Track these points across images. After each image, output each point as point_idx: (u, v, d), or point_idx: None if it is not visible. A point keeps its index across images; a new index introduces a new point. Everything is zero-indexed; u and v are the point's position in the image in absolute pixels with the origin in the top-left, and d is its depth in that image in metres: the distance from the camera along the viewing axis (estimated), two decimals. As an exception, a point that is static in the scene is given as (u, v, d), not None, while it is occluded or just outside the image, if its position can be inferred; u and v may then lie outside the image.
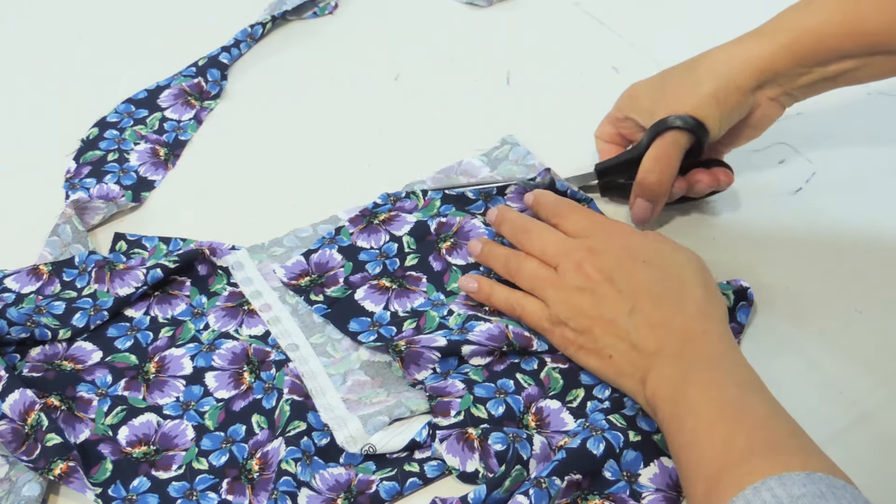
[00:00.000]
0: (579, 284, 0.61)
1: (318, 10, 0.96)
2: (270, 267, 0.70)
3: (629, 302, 0.59)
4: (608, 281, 0.60)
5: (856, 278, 0.68)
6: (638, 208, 0.70)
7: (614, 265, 0.61)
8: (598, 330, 0.59)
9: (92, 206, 0.73)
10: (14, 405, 0.58)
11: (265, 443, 0.60)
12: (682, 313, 0.58)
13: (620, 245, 0.62)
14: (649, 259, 0.61)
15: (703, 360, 0.56)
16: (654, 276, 0.60)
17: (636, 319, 0.58)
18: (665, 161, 0.68)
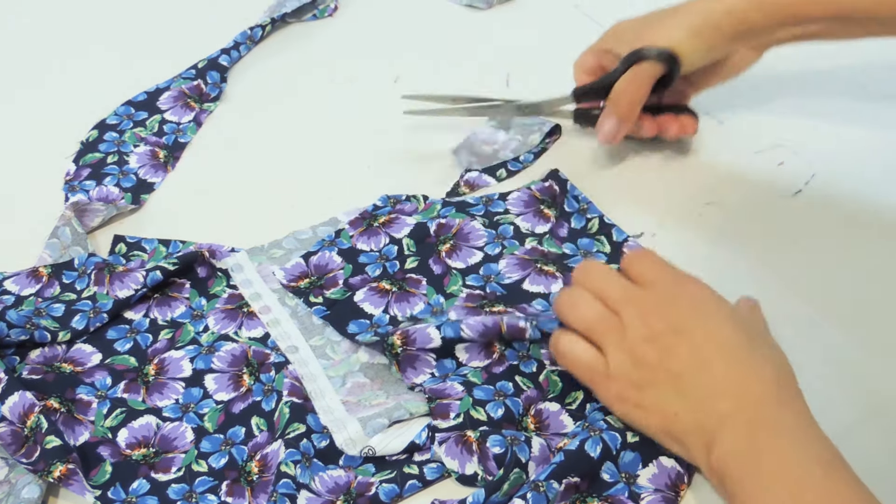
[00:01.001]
0: (645, 335, 0.55)
1: (317, 13, 0.96)
2: (270, 269, 0.70)
3: (700, 357, 0.54)
4: (677, 333, 0.55)
5: (855, 280, 0.68)
6: (607, 124, 0.73)
7: (685, 316, 0.56)
8: (664, 386, 0.54)
9: (91, 209, 0.73)
10: (13, 407, 0.58)
11: (264, 445, 0.59)
12: (758, 376, 0.53)
13: (690, 295, 0.57)
14: (722, 312, 0.56)
15: (782, 434, 0.51)
16: (729, 332, 0.55)
17: (707, 377, 0.53)
18: (636, 84, 0.72)
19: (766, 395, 0.52)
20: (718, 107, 0.82)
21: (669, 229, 0.73)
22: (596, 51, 0.78)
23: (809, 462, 0.50)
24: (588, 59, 0.78)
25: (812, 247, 0.71)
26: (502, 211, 0.74)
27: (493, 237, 0.71)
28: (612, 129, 0.74)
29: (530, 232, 0.72)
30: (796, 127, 0.80)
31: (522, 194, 0.74)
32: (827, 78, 0.85)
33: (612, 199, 0.75)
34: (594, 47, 0.78)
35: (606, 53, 0.76)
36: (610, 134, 0.74)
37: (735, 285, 0.68)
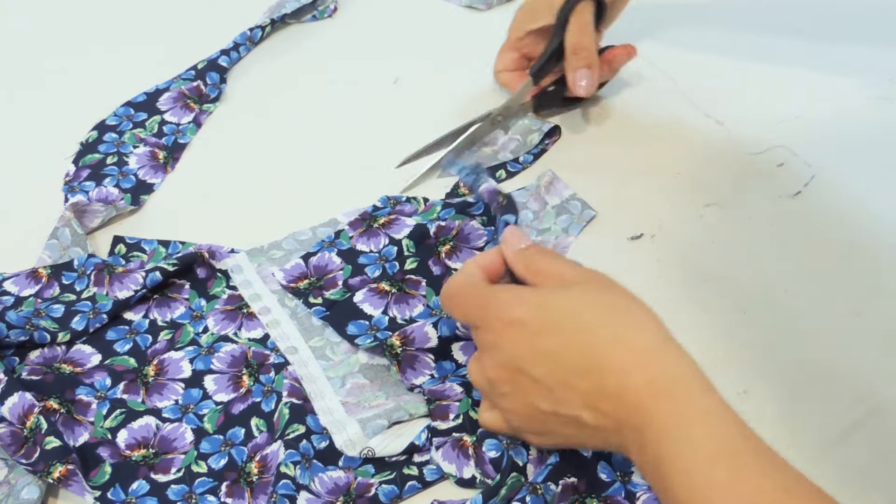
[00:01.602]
0: (500, 390, 0.53)
1: (317, 14, 0.97)
2: (269, 270, 0.70)
3: (550, 386, 0.50)
4: (518, 373, 0.51)
5: (855, 281, 0.68)
6: (581, 76, 0.75)
7: (513, 354, 0.51)
8: (551, 424, 0.52)
9: (91, 209, 0.73)
10: (13, 408, 0.58)
11: (264, 446, 0.60)
12: (608, 370, 0.49)
13: (503, 325, 0.52)
14: (540, 326, 0.51)
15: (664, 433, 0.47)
16: (556, 343, 0.50)
17: (571, 400, 0.50)
18: (585, 28, 0.75)
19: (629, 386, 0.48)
20: (718, 108, 0.83)
21: (669, 230, 0.73)
22: (512, 45, 0.80)
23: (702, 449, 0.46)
24: (508, 57, 0.80)
25: (812, 248, 0.71)
26: None
27: (490, 234, 0.71)
28: (589, 78, 0.75)
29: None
30: (796, 128, 0.81)
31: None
32: (826, 79, 0.85)
33: (612, 200, 0.75)
34: (509, 43, 0.80)
35: (522, 41, 0.79)
36: (589, 83, 0.75)
37: (734, 286, 0.68)
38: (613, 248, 0.72)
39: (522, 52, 0.79)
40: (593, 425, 0.49)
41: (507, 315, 0.52)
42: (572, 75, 0.75)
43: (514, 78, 0.81)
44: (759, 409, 0.60)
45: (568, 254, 0.71)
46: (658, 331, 0.50)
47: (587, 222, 0.73)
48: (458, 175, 0.75)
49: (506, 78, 0.81)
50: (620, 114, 0.84)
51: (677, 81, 0.86)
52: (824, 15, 0.93)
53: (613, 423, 0.49)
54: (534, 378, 0.51)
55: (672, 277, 0.69)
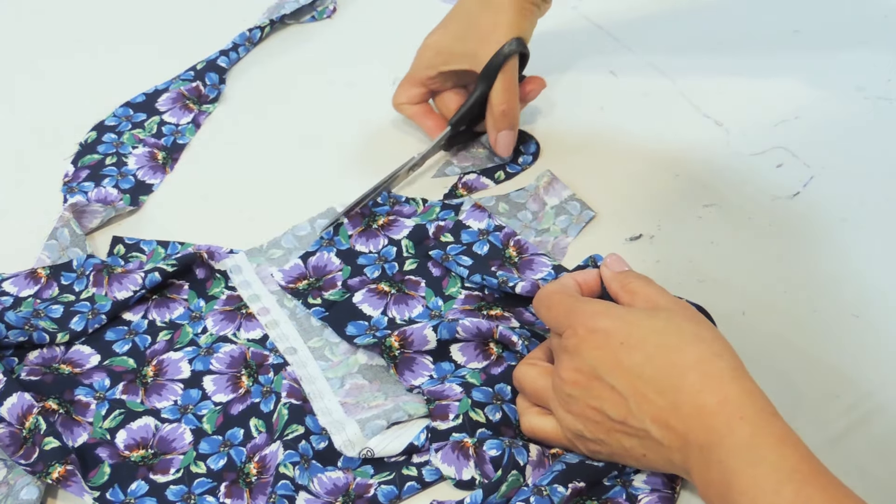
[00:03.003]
0: (570, 392, 0.54)
1: (316, 14, 0.97)
2: (268, 270, 0.70)
3: (625, 397, 0.52)
4: (595, 379, 0.53)
5: (854, 282, 0.68)
6: (504, 138, 0.75)
7: (592, 360, 0.53)
8: (616, 434, 0.53)
9: (90, 210, 0.73)
10: (12, 409, 0.58)
11: (263, 446, 0.59)
12: (685, 389, 0.51)
13: (589, 333, 0.54)
14: (625, 339, 0.53)
15: (734, 453, 0.48)
16: (638, 357, 0.52)
17: (643, 412, 0.51)
18: (513, 88, 0.74)
19: (704, 406, 0.50)
20: (717, 109, 0.83)
21: (668, 231, 0.73)
22: (420, 80, 0.79)
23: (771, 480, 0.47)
24: (413, 92, 0.79)
25: (811, 248, 0.71)
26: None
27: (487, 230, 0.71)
28: (511, 140, 0.76)
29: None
30: (795, 129, 0.81)
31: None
32: (825, 80, 0.85)
33: (612, 201, 0.75)
34: (415, 78, 0.79)
35: (431, 78, 0.78)
36: (510, 143, 0.76)
37: (733, 287, 0.68)
38: (612, 249, 0.71)
39: (428, 87, 0.79)
40: (658, 440, 0.51)
41: (594, 323, 0.54)
42: (495, 135, 0.75)
43: (417, 111, 0.80)
44: (758, 410, 0.59)
45: (567, 254, 0.71)
46: (734, 360, 0.52)
47: (586, 223, 0.73)
48: None
49: (410, 111, 0.80)
50: (619, 114, 0.84)
51: (676, 82, 0.86)
52: (823, 16, 0.93)
53: (680, 441, 0.50)
54: (610, 385, 0.52)
55: (671, 278, 0.69)
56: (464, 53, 0.75)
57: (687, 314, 0.55)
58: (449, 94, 0.79)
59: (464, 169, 0.78)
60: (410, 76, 0.79)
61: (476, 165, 0.78)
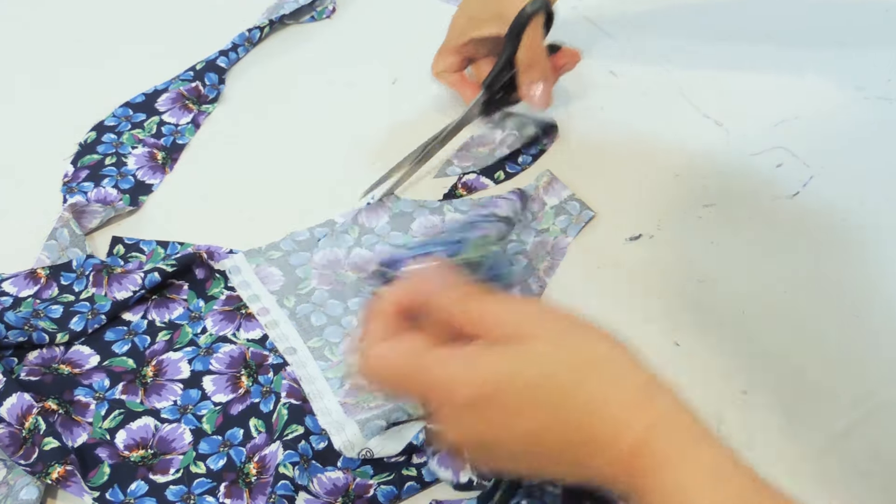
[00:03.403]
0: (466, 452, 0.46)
1: (315, 14, 0.96)
2: (268, 270, 0.70)
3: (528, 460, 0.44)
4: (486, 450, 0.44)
5: (854, 282, 0.68)
6: (536, 89, 0.75)
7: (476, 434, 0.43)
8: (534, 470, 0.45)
9: (90, 210, 0.73)
10: (12, 409, 0.58)
11: (263, 446, 0.59)
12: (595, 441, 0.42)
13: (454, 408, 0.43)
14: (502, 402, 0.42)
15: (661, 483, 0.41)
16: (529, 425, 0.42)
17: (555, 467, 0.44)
18: (538, 44, 0.75)
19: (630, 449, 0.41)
20: (717, 109, 0.83)
21: (668, 231, 0.73)
22: (453, 48, 0.80)
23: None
24: (450, 61, 0.81)
25: (810, 249, 0.71)
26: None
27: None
28: (544, 92, 0.76)
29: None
30: (794, 129, 0.81)
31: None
32: (824, 80, 0.85)
33: (611, 201, 0.75)
34: (449, 46, 0.81)
35: (464, 45, 0.79)
36: (545, 97, 0.76)
37: (733, 287, 0.69)
38: (612, 249, 0.72)
39: (463, 54, 0.81)
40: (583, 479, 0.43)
41: (454, 395, 0.42)
42: (526, 89, 0.76)
43: (456, 79, 0.82)
44: (758, 409, 0.60)
45: (566, 254, 0.71)
46: (638, 377, 0.43)
47: (586, 223, 0.73)
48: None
49: (448, 79, 0.82)
50: (619, 114, 0.84)
51: (676, 82, 0.86)
52: (823, 16, 0.93)
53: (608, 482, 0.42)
54: (510, 455, 0.44)
55: (670, 278, 0.69)
56: (491, 18, 0.76)
57: (565, 329, 0.44)
58: (485, 61, 0.80)
59: (464, 169, 0.78)
60: (445, 45, 0.81)
61: (476, 165, 0.78)
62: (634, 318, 0.66)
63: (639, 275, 0.70)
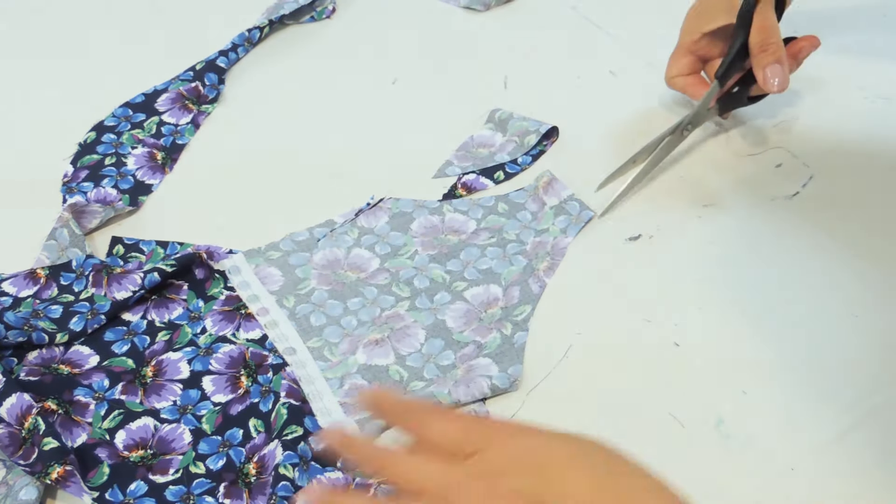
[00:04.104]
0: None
1: (315, 15, 0.96)
2: (267, 271, 0.70)
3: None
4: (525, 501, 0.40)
5: (853, 282, 0.68)
6: (772, 73, 0.71)
7: (534, 479, 0.40)
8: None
9: (89, 210, 0.73)
10: (11, 409, 0.58)
11: (262, 446, 0.59)
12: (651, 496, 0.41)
13: (525, 448, 0.42)
14: (571, 451, 0.42)
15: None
16: (589, 472, 0.41)
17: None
18: (771, 22, 0.72)
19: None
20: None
21: (667, 231, 0.73)
22: (686, 48, 0.78)
23: None
24: (682, 63, 0.78)
25: (810, 249, 0.71)
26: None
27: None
28: (781, 74, 0.71)
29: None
30: (794, 129, 0.81)
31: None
32: (824, 80, 0.85)
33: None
34: (682, 47, 0.78)
35: (697, 43, 0.77)
36: (782, 79, 0.71)
37: (733, 287, 0.68)
38: (612, 249, 0.72)
39: (697, 54, 0.78)
40: None
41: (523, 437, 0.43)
42: (762, 73, 0.72)
43: (690, 82, 0.78)
44: (758, 409, 0.60)
45: (566, 255, 0.71)
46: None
47: (585, 223, 0.73)
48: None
49: (682, 83, 0.79)
50: (619, 114, 0.84)
51: (675, 82, 0.86)
52: (822, 15, 0.93)
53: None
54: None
55: (670, 278, 0.69)
56: (721, 8, 0.74)
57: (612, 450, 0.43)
58: (719, 60, 0.78)
59: (464, 169, 0.78)
60: (678, 46, 0.78)
61: (476, 165, 0.78)
62: (634, 318, 0.66)
63: (639, 275, 0.70)
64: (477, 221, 0.74)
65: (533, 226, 0.73)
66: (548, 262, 0.70)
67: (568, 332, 0.65)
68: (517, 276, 0.69)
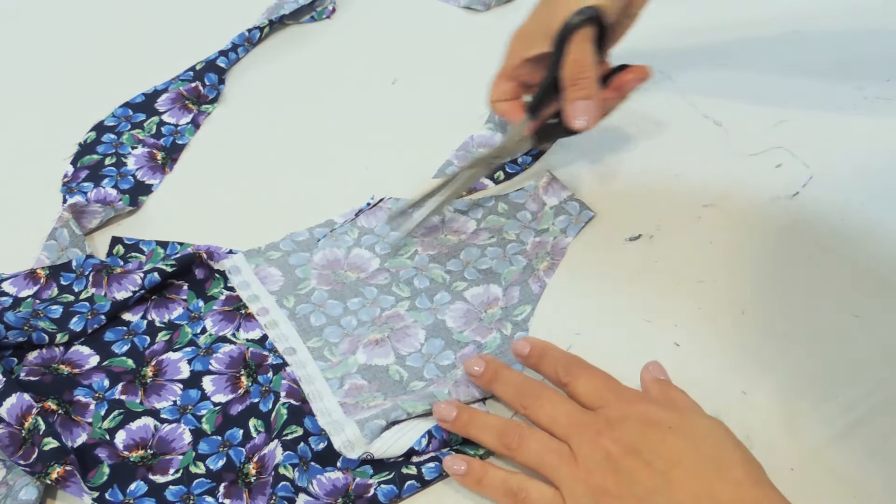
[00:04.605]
0: (599, 461, 0.52)
1: (315, 15, 0.97)
2: (267, 271, 0.70)
3: (661, 475, 0.50)
4: (633, 454, 0.51)
5: (853, 283, 0.68)
6: (579, 109, 0.67)
7: (636, 435, 0.52)
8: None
9: (89, 210, 0.73)
10: (11, 409, 0.58)
11: (262, 446, 0.59)
12: (727, 480, 0.50)
13: (641, 412, 0.54)
14: (675, 426, 0.53)
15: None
16: (685, 444, 0.52)
17: (675, 493, 0.50)
18: (583, 56, 0.66)
19: (741, 498, 0.49)
20: (717, 109, 0.83)
21: (667, 231, 0.73)
22: (508, 73, 0.74)
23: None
24: (504, 87, 0.74)
25: (809, 249, 0.71)
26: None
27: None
28: (587, 111, 0.67)
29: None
30: (794, 129, 0.81)
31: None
32: (823, 80, 0.85)
33: (610, 202, 0.75)
34: (504, 72, 0.74)
35: (517, 68, 0.72)
36: (588, 117, 0.67)
37: (733, 287, 0.68)
38: (611, 249, 0.72)
39: (519, 80, 0.74)
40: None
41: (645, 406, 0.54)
42: (569, 108, 0.68)
43: (511, 108, 0.75)
44: (758, 409, 0.60)
45: (566, 255, 0.71)
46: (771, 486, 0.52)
47: (585, 223, 0.73)
48: None
49: (503, 108, 0.75)
50: (619, 114, 0.84)
51: (676, 82, 0.86)
52: (822, 15, 0.93)
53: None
54: (647, 462, 0.51)
55: (670, 278, 0.69)
56: (542, 35, 0.69)
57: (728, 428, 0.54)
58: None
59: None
60: (501, 70, 0.74)
61: None
62: (634, 318, 0.66)
63: (639, 275, 0.70)
64: (477, 221, 0.74)
65: (533, 226, 0.73)
66: (548, 262, 0.70)
67: (568, 332, 0.65)
68: (517, 276, 0.69)
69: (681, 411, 0.54)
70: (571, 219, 0.73)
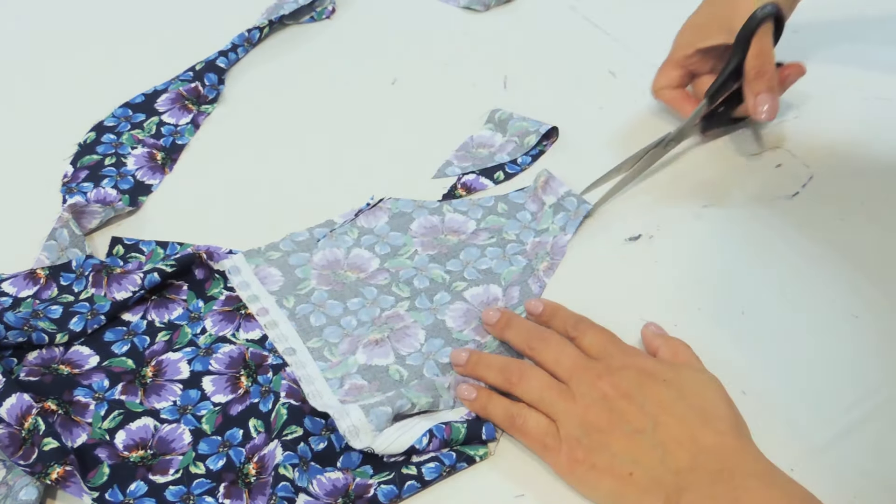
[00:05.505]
0: (595, 400, 0.56)
1: (315, 15, 0.97)
2: (267, 271, 0.70)
3: (650, 418, 0.55)
4: (626, 397, 0.56)
5: (853, 282, 0.68)
6: (763, 100, 0.72)
7: (633, 383, 0.57)
8: (616, 445, 0.54)
9: (89, 210, 0.73)
10: (11, 409, 0.58)
11: (262, 447, 0.59)
12: (711, 429, 0.54)
13: (639, 365, 0.58)
14: (669, 379, 0.57)
15: (751, 476, 0.52)
16: (676, 395, 0.56)
17: (660, 435, 0.54)
18: (767, 49, 0.72)
19: (726, 445, 0.53)
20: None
21: (667, 231, 0.73)
22: (678, 62, 0.78)
23: (782, 500, 0.50)
24: (672, 75, 0.78)
25: (809, 249, 0.71)
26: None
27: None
28: (771, 102, 0.72)
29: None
30: (794, 129, 0.81)
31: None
32: (823, 80, 0.85)
33: (610, 201, 0.75)
34: (674, 60, 0.78)
35: (689, 57, 0.77)
36: (771, 108, 0.72)
37: (732, 287, 0.69)
38: (611, 249, 0.72)
39: (687, 69, 0.78)
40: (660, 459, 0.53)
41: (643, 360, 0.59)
42: (754, 100, 0.72)
43: (676, 96, 0.78)
44: (758, 409, 0.59)
45: (565, 255, 0.71)
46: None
47: (584, 217, 0.73)
48: None
49: (668, 95, 0.79)
50: (619, 114, 0.84)
51: (675, 82, 0.86)
52: (821, 15, 0.93)
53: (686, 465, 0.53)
54: (640, 405, 0.55)
55: (670, 278, 0.69)
56: (719, 27, 0.73)
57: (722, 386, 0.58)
58: (707, 77, 0.78)
59: (463, 169, 0.78)
60: (669, 58, 0.78)
61: (476, 166, 0.78)
62: (634, 318, 0.66)
63: (639, 275, 0.70)
64: (477, 221, 0.74)
65: (533, 226, 0.73)
66: (548, 262, 0.70)
67: (568, 332, 0.65)
68: (517, 277, 0.69)
69: (678, 368, 0.58)
70: (570, 215, 0.73)
